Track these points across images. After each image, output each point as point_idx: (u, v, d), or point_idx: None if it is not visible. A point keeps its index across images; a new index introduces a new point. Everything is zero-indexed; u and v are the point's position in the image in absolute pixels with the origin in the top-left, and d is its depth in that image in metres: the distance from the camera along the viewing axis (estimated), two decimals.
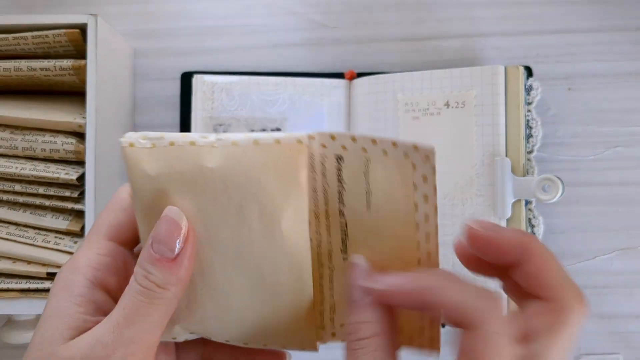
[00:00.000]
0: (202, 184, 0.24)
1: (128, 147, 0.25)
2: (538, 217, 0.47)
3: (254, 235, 0.25)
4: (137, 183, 0.25)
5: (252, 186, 0.24)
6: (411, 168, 0.25)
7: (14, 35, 0.42)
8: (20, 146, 0.43)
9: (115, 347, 0.23)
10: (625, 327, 0.50)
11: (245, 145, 0.24)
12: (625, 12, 0.51)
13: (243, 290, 0.26)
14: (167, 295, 0.24)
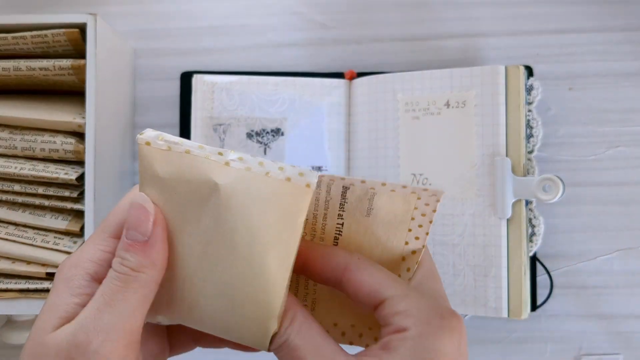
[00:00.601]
0: (206, 197, 0.25)
1: (144, 145, 0.26)
2: (538, 217, 0.47)
3: (237, 260, 0.25)
4: (145, 180, 0.26)
5: (252, 213, 0.25)
6: (415, 199, 0.26)
7: (13, 35, 0.42)
8: (20, 146, 0.43)
9: (95, 332, 0.24)
10: (625, 327, 0.50)
11: (257, 173, 0.25)
12: (625, 12, 0.51)
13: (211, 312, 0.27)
14: (142, 278, 0.25)
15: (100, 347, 0.24)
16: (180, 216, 0.26)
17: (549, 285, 0.50)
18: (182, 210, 0.26)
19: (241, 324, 0.26)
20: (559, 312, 0.50)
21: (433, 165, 0.47)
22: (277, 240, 0.25)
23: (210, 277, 0.26)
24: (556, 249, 0.50)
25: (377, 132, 0.48)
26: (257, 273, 0.25)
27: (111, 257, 0.26)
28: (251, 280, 0.25)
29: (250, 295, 0.26)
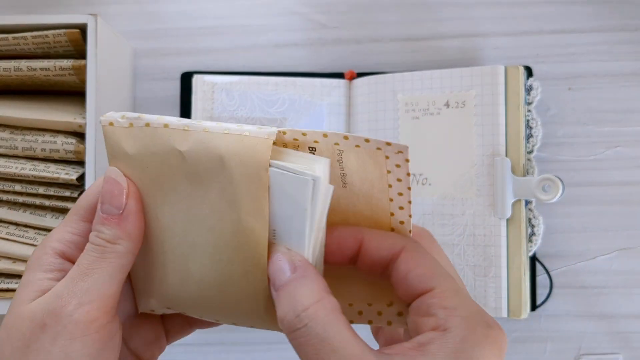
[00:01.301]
0: (174, 166, 0.26)
1: (108, 125, 0.26)
2: (538, 217, 0.47)
3: (216, 219, 0.26)
4: (115, 161, 0.27)
5: (218, 172, 0.25)
6: (384, 158, 0.25)
7: (14, 35, 0.42)
8: (20, 146, 0.43)
9: (70, 297, 0.25)
10: (625, 327, 0.50)
11: (215, 132, 0.25)
12: (625, 12, 0.51)
13: (202, 275, 0.27)
14: (118, 249, 0.26)
15: (74, 311, 0.24)
16: (156, 189, 0.26)
17: (548, 285, 0.50)
18: (157, 183, 0.26)
19: (234, 284, 0.26)
20: (558, 311, 0.50)
21: (433, 165, 0.47)
22: (247, 193, 0.25)
23: (197, 240, 0.26)
24: (556, 248, 0.50)
25: (377, 132, 0.49)
26: (237, 228, 0.26)
27: (79, 239, 0.27)
28: (234, 235, 0.26)
29: (236, 250, 0.26)
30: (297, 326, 0.22)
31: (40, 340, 0.25)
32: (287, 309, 0.23)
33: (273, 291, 0.24)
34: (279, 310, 0.23)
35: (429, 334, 0.23)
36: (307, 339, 0.22)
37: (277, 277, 0.24)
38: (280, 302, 0.23)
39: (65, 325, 0.24)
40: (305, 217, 0.24)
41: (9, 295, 0.43)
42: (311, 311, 0.22)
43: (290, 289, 0.23)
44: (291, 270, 0.24)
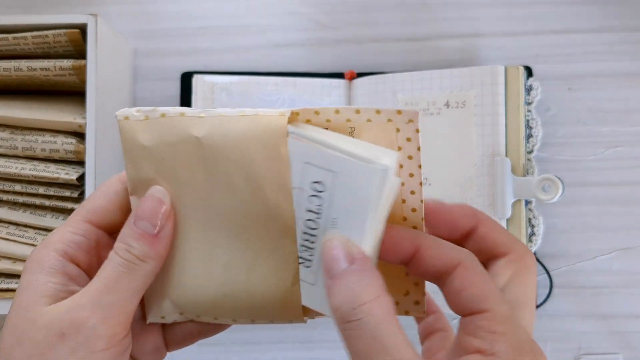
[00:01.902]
0: (191, 154, 0.26)
1: (123, 120, 0.26)
2: (538, 217, 0.47)
3: (240, 200, 0.26)
4: (133, 154, 0.27)
5: (237, 154, 0.26)
6: (394, 131, 0.25)
7: (14, 35, 0.42)
8: (20, 146, 0.43)
9: (94, 310, 0.25)
10: (625, 327, 0.50)
11: (231, 115, 0.26)
12: (625, 12, 0.51)
13: (230, 256, 0.27)
14: (146, 268, 0.26)
15: (99, 325, 0.24)
16: (173, 180, 0.26)
17: (548, 285, 0.50)
18: (174, 173, 0.26)
19: (263, 262, 0.27)
20: (558, 311, 0.50)
21: (433, 165, 0.47)
22: (269, 173, 0.25)
23: (223, 223, 0.27)
24: (556, 248, 0.50)
25: None
26: (262, 205, 0.26)
27: (82, 239, 0.27)
28: (260, 213, 0.26)
29: (265, 226, 0.26)
30: (352, 319, 0.22)
31: (57, 350, 0.24)
32: (343, 300, 0.23)
33: (327, 279, 0.24)
34: (333, 299, 0.23)
35: (475, 356, 0.23)
36: (360, 332, 0.22)
37: (334, 266, 0.23)
38: (335, 291, 0.23)
39: (87, 337, 0.24)
40: (368, 210, 0.24)
41: (9, 295, 0.43)
42: (368, 307, 0.22)
43: (349, 280, 0.23)
44: (348, 261, 0.23)
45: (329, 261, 0.24)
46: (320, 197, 0.25)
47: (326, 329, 0.52)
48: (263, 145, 0.25)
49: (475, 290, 0.25)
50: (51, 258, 0.26)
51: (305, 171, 0.25)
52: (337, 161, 0.24)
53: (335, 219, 0.25)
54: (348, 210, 0.25)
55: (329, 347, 0.52)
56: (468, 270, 0.25)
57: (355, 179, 0.24)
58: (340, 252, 0.24)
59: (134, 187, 0.27)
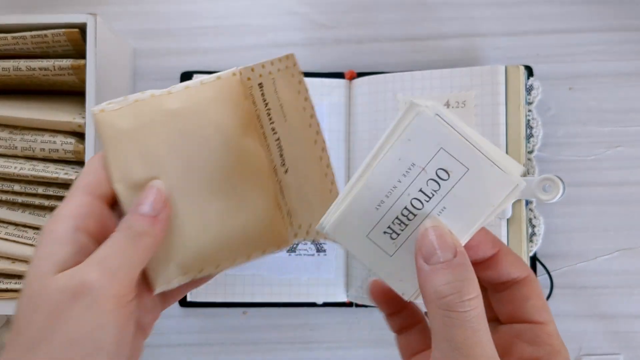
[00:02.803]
0: (168, 126, 0.30)
1: (99, 112, 0.30)
2: (539, 217, 0.47)
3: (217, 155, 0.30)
4: (114, 141, 0.30)
5: (208, 114, 0.30)
6: (291, 76, 0.32)
7: (13, 35, 0.42)
8: (19, 146, 0.43)
9: (101, 273, 0.27)
10: (625, 327, 0.50)
11: (195, 86, 0.31)
12: (625, 12, 0.51)
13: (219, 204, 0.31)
14: (146, 242, 0.29)
15: (108, 285, 0.27)
16: (155, 156, 0.30)
17: (549, 285, 0.50)
18: (155, 150, 0.30)
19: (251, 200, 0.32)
20: (559, 312, 0.50)
21: None
22: (239, 126, 0.31)
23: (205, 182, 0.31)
24: (556, 249, 0.50)
25: (377, 132, 0.48)
26: (235, 155, 0.31)
27: (88, 209, 0.29)
28: (235, 162, 0.31)
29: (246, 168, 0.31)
30: (459, 309, 0.24)
31: (72, 308, 0.26)
32: (449, 289, 0.24)
33: (426, 262, 0.25)
34: (435, 283, 0.25)
35: None
36: (463, 323, 0.24)
37: (439, 253, 0.25)
38: (438, 277, 0.25)
39: (98, 296, 0.27)
40: (485, 213, 0.26)
41: (9, 295, 0.43)
42: (474, 303, 0.24)
43: (456, 271, 0.25)
44: (453, 252, 0.25)
45: (433, 247, 0.25)
46: (440, 184, 0.26)
47: (326, 329, 0.52)
48: (227, 103, 0.30)
49: (539, 303, 0.28)
50: (63, 229, 0.28)
51: (438, 155, 0.26)
52: (475, 159, 0.25)
53: (445, 208, 0.26)
54: (464, 207, 0.26)
55: (329, 347, 0.52)
56: (534, 284, 0.29)
57: (487, 182, 0.25)
58: (447, 241, 0.25)
59: (121, 175, 0.30)
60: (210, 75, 0.30)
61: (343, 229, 0.27)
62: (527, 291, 0.28)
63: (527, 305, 0.28)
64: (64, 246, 0.28)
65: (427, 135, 0.25)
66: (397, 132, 0.26)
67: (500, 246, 0.29)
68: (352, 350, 0.52)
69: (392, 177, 0.26)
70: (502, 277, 0.29)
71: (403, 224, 0.27)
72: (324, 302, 0.49)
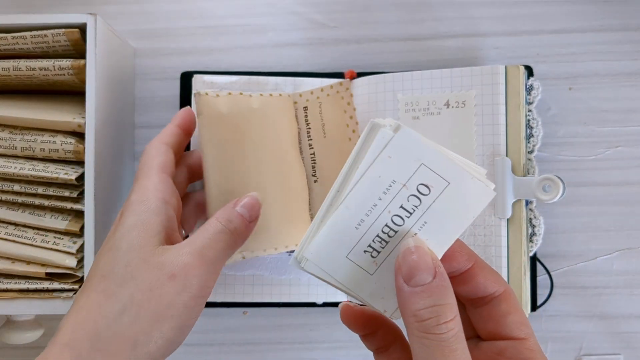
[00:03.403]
0: (251, 118, 0.42)
1: (204, 95, 0.41)
2: (539, 217, 0.47)
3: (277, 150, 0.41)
4: (213, 119, 0.41)
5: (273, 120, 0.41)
6: (340, 99, 0.41)
7: (13, 35, 0.42)
8: (19, 146, 0.43)
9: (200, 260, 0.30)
10: (626, 327, 0.50)
11: (266, 95, 0.44)
12: (625, 12, 0.51)
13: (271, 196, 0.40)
14: (238, 242, 0.33)
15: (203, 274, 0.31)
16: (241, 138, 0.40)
17: (549, 285, 0.50)
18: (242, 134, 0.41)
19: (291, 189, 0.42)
20: (559, 312, 0.50)
21: None
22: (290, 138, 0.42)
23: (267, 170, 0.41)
24: (556, 249, 0.50)
25: None
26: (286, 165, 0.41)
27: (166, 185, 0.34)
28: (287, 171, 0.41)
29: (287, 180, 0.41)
30: (436, 332, 0.24)
31: (165, 288, 0.29)
32: (428, 312, 0.25)
33: (406, 283, 0.25)
34: (414, 306, 0.25)
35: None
36: (440, 344, 0.24)
37: (419, 275, 0.25)
38: (417, 300, 0.25)
39: (191, 282, 0.30)
40: (466, 224, 0.26)
41: (9, 295, 0.42)
42: (451, 325, 0.25)
43: (434, 294, 0.25)
44: (432, 274, 0.25)
45: (414, 268, 0.25)
46: (421, 199, 0.26)
47: (326, 329, 0.52)
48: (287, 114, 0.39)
49: (519, 318, 0.28)
50: (154, 200, 0.32)
51: (419, 171, 0.26)
52: (456, 173, 0.25)
53: (426, 223, 0.26)
54: (444, 219, 0.26)
55: (328, 348, 0.52)
56: (512, 298, 0.28)
57: (467, 195, 0.26)
58: (428, 263, 0.25)
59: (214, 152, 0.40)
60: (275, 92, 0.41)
61: (323, 252, 0.27)
62: (505, 307, 0.28)
63: (506, 322, 0.28)
64: (158, 216, 0.31)
65: (408, 151, 0.25)
66: (372, 151, 0.26)
67: (475, 259, 0.29)
68: (352, 350, 0.52)
69: (372, 196, 0.26)
70: (479, 292, 0.29)
71: (384, 242, 0.27)
72: (324, 302, 0.49)
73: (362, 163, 0.26)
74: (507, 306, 0.28)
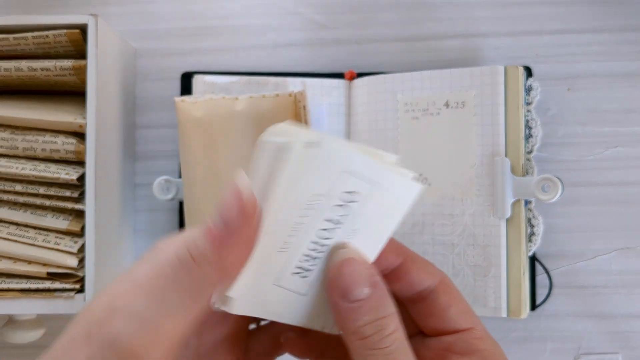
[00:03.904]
0: (232, 120, 0.42)
1: (180, 102, 0.43)
2: (538, 217, 0.47)
3: None
4: (188, 124, 0.42)
5: (263, 120, 0.40)
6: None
7: (15, 36, 0.42)
8: (21, 146, 0.43)
9: None
10: (624, 327, 0.50)
11: (257, 97, 0.43)
12: (625, 12, 0.51)
13: None
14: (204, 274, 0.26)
15: None
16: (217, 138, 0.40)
17: (548, 285, 0.50)
18: (218, 133, 0.41)
19: None
20: (558, 311, 0.51)
21: (432, 165, 0.47)
22: None
23: None
24: (555, 248, 0.51)
25: (377, 132, 0.49)
26: None
27: None
28: None
29: None
30: (380, 346, 0.23)
31: None
32: (370, 328, 0.23)
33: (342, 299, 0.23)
34: (354, 323, 0.23)
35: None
36: (388, 358, 0.23)
37: (356, 289, 0.23)
38: (357, 316, 0.23)
39: None
40: (394, 224, 0.25)
41: (11, 295, 0.43)
42: (395, 336, 0.23)
43: (373, 306, 0.23)
44: (370, 285, 0.23)
45: (349, 282, 0.23)
46: (348, 207, 0.24)
47: None
48: (281, 114, 0.38)
49: (461, 307, 0.26)
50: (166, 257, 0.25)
51: (341, 180, 0.23)
52: (378, 173, 0.24)
53: (357, 229, 0.24)
54: (374, 222, 0.24)
55: None
56: (450, 287, 0.26)
57: (394, 193, 0.24)
58: (363, 275, 0.24)
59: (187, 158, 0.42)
60: (272, 92, 0.41)
61: (248, 286, 0.24)
62: (444, 299, 0.26)
63: (448, 315, 0.26)
64: None
65: (325, 162, 0.23)
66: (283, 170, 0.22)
67: (406, 253, 0.27)
68: None
69: (292, 214, 0.23)
70: (415, 287, 0.27)
71: (314, 259, 0.25)
72: None
73: (274, 184, 0.23)
74: (446, 298, 0.26)
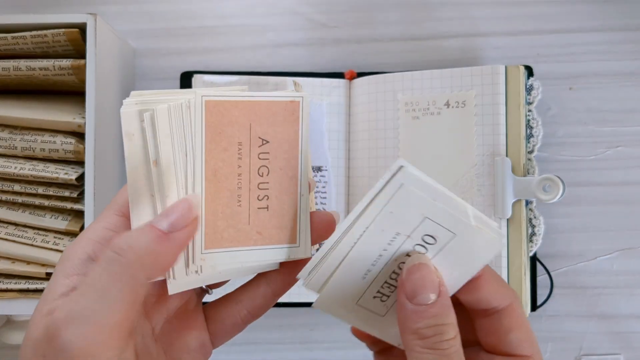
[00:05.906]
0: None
1: None
2: (539, 217, 0.47)
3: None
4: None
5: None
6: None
7: (13, 35, 0.42)
8: (20, 146, 0.43)
9: None
10: (625, 327, 0.50)
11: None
12: (626, 12, 0.51)
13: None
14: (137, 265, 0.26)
15: None
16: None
17: (549, 285, 0.50)
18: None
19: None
20: (559, 312, 0.50)
21: (433, 165, 0.47)
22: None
23: None
24: (556, 249, 0.50)
25: (377, 132, 0.48)
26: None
27: (113, 234, 0.26)
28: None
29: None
30: (439, 347, 0.24)
31: None
32: (432, 330, 0.24)
33: (410, 301, 0.25)
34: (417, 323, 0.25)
35: None
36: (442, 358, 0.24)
37: (423, 294, 0.25)
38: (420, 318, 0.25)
39: None
40: (473, 273, 0.26)
41: (9, 295, 0.43)
42: (453, 342, 0.24)
43: (438, 313, 0.25)
44: (436, 293, 0.25)
45: (418, 286, 0.25)
46: (427, 248, 0.26)
47: (326, 329, 0.52)
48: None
49: (523, 334, 0.27)
50: (75, 258, 0.26)
51: (423, 224, 0.25)
52: (460, 225, 0.25)
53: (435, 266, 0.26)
54: (452, 267, 0.26)
55: (328, 348, 0.52)
56: (518, 312, 0.27)
57: (475, 245, 0.25)
58: (432, 281, 0.25)
59: None
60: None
61: (330, 302, 0.27)
62: (509, 322, 0.27)
63: (508, 338, 0.27)
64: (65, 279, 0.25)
65: (409, 206, 0.25)
66: (378, 202, 0.25)
67: (484, 269, 0.27)
68: (352, 350, 0.52)
69: (376, 248, 0.26)
70: (483, 304, 0.27)
71: (392, 287, 0.27)
72: None
73: (364, 217, 0.25)
74: (509, 322, 0.27)
